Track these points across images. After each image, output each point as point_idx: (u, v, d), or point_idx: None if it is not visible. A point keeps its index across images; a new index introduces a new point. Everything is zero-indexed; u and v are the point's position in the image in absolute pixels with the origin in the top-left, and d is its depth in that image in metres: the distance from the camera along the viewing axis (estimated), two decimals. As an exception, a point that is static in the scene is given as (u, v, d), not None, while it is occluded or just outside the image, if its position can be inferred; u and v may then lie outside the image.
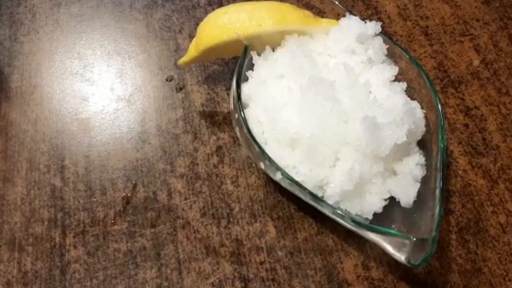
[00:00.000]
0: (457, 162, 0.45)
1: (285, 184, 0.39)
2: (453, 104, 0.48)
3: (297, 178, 0.38)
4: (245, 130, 0.39)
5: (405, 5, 0.55)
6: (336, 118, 0.38)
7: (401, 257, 0.34)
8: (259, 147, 0.38)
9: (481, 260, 0.41)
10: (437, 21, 0.54)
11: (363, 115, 0.37)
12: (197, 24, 0.46)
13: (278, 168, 0.37)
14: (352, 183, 0.37)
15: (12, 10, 0.55)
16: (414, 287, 0.40)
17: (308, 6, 0.48)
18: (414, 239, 0.33)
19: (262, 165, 0.39)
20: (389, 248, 0.35)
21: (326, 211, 0.37)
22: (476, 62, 0.51)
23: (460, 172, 0.45)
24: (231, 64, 0.51)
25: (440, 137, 0.39)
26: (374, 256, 0.41)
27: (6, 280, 0.40)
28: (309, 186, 0.38)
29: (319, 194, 0.38)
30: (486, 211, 0.43)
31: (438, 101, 0.40)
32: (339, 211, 0.36)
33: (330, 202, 0.38)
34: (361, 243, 0.41)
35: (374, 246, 0.41)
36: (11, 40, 0.53)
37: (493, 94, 0.49)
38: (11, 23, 0.54)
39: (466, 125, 0.47)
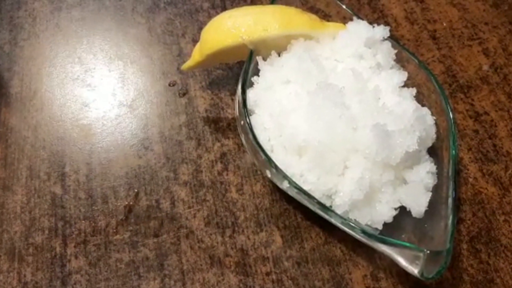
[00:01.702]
0: (467, 169, 0.44)
1: (292, 193, 0.38)
2: (462, 109, 0.47)
3: (305, 186, 0.37)
4: (251, 137, 0.38)
5: (412, 9, 0.54)
6: (345, 125, 0.37)
7: (414, 270, 0.33)
8: (266, 154, 0.37)
9: (493, 271, 0.40)
10: (445, 24, 0.53)
11: (372, 122, 0.36)
12: (200, 28, 0.45)
13: (285, 177, 0.36)
14: (362, 192, 0.36)
15: (12, 14, 0.54)
16: (425, 299, 0.39)
17: (314, 10, 0.47)
18: (428, 251, 0.32)
19: (268, 173, 0.38)
20: (401, 261, 0.33)
21: (335, 221, 0.36)
22: (485, 67, 0.50)
23: (470, 179, 0.44)
24: (235, 69, 0.50)
25: (451, 144, 0.38)
26: (384, 266, 0.40)
27: (5, 292, 0.39)
28: (317, 195, 0.37)
29: (328, 204, 0.37)
30: (498, 219, 0.42)
31: (448, 107, 0.39)
32: (349, 222, 0.35)
33: (339, 211, 0.37)
34: (370, 253, 0.40)
35: (383, 256, 0.40)
36: (11, 45, 0.52)
37: (503, 99, 0.48)
38: (11, 27, 0.53)
39: (476, 131, 0.46)
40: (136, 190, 0.43)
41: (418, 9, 0.54)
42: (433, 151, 0.40)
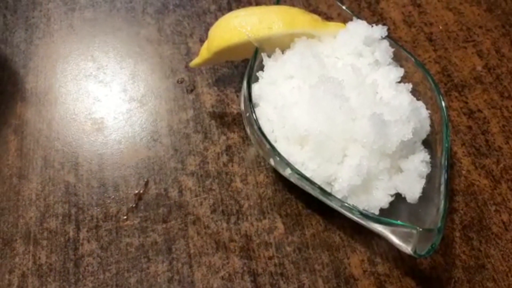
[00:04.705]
0: (461, 163, 0.46)
1: (294, 179, 0.40)
2: (456, 107, 0.50)
3: (306, 174, 0.39)
4: (256, 128, 0.40)
5: (409, 12, 0.57)
6: (344, 115, 0.39)
7: (407, 248, 0.35)
8: (270, 143, 0.39)
9: (485, 257, 0.42)
10: (441, 27, 0.55)
11: (370, 113, 0.38)
12: (208, 29, 0.47)
13: (287, 164, 0.38)
14: (360, 179, 0.38)
15: (28, 14, 0.57)
16: (419, 282, 0.41)
17: (316, 12, 0.49)
18: (421, 229, 0.34)
19: (272, 162, 0.40)
20: (396, 240, 0.36)
21: (334, 205, 0.38)
22: (479, 67, 0.52)
23: (463, 172, 0.46)
24: (240, 67, 0.53)
25: (444, 136, 0.40)
26: (380, 252, 0.42)
27: (21, 272, 0.41)
28: (317, 181, 0.39)
29: (327, 190, 0.39)
30: (489, 209, 0.44)
31: (441, 99, 0.41)
32: (347, 204, 0.37)
33: (338, 197, 0.39)
34: (368, 239, 0.42)
35: (380, 242, 0.42)
36: (26, 43, 0.55)
37: (496, 98, 0.50)
38: (27, 27, 0.56)
39: (470, 127, 0.48)
40: (146, 180, 0.46)
41: (415, 12, 0.57)
42: (428, 145, 0.42)
